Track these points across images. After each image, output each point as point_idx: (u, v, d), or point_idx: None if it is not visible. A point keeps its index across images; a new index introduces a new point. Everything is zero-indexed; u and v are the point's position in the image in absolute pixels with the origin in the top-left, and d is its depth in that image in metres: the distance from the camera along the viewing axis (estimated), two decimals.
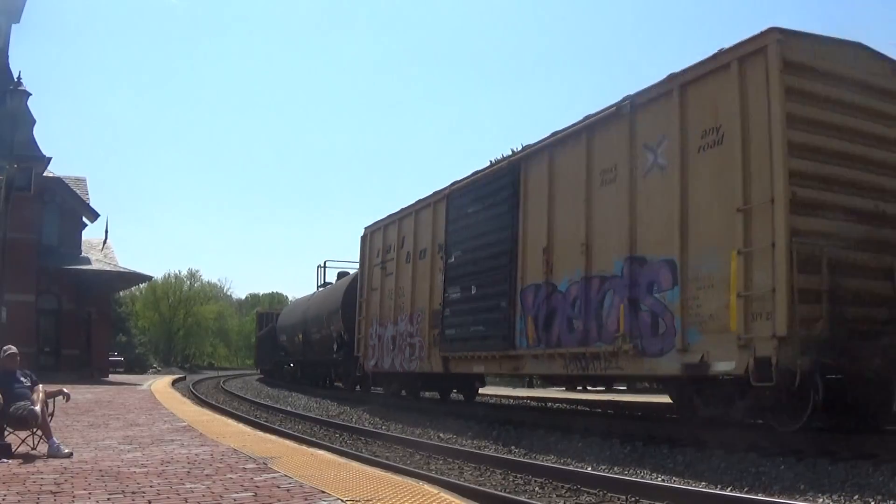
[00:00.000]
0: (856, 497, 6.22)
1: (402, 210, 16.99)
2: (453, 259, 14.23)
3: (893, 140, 8.25)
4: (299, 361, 29.45)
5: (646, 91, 9.89)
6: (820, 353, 7.75)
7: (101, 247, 31.06)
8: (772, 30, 8.24)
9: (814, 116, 8.30)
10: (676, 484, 7.03)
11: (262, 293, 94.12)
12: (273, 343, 33.36)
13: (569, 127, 11.31)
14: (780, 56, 8.08)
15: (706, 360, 8.52)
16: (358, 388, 21.16)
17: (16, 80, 21.67)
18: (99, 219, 30.17)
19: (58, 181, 28.06)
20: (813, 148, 8.23)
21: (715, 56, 8.88)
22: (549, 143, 11.82)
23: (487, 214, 13.30)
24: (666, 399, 12.18)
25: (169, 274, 77.37)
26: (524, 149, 12.71)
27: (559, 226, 11.40)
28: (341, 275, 26.24)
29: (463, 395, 18.03)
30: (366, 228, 19.21)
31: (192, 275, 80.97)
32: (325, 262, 30.77)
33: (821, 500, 6.28)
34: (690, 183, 9.05)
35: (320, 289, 28.41)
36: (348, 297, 21.01)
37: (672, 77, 9.46)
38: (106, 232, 31.93)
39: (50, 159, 26.67)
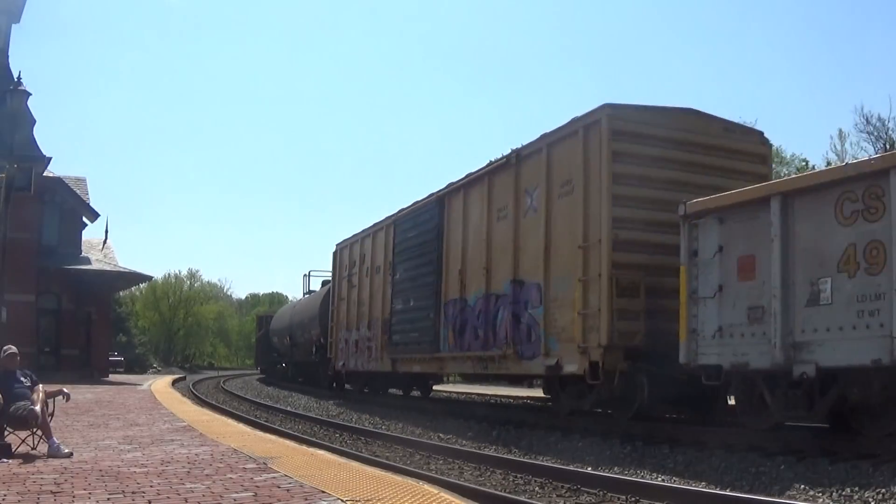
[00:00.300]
0: (856, 497, 6.22)
1: (364, 230, 19.35)
2: (398, 276, 16.71)
3: (717, 186, 9.80)
4: (289, 362, 31.75)
5: (527, 146, 12.15)
6: (639, 359, 9.94)
7: (101, 247, 31.02)
8: (605, 105, 10.48)
9: (636, 173, 10.38)
10: (676, 484, 7.04)
11: (262, 293, 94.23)
12: (268, 344, 35.53)
13: (478, 171, 13.59)
14: (610, 127, 10.31)
15: (560, 363, 10.89)
16: (335, 385, 22.93)
17: (16, 80, 21.70)
18: (99, 219, 30.13)
19: (58, 181, 28.02)
20: (635, 198, 10.32)
21: (569, 123, 11.10)
22: (464, 182, 14.09)
23: (421, 239, 15.71)
24: None
25: (169, 274, 77.32)
26: (448, 186, 14.67)
27: (470, 252, 13.69)
28: (325, 283, 27.95)
29: (420, 391, 19.83)
30: (337, 245, 21.70)
31: (192, 275, 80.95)
32: (309, 272, 33.61)
33: (821, 500, 6.29)
34: (552, 223, 11.33)
35: (305, 296, 31.08)
36: (324, 305, 23.49)
37: (543, 137, 11.64)
38: (106, 232, 31.89)
39: (50, 159, 26.66)
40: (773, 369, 8.03)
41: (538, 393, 20.53)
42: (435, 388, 22.05)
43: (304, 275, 32.91)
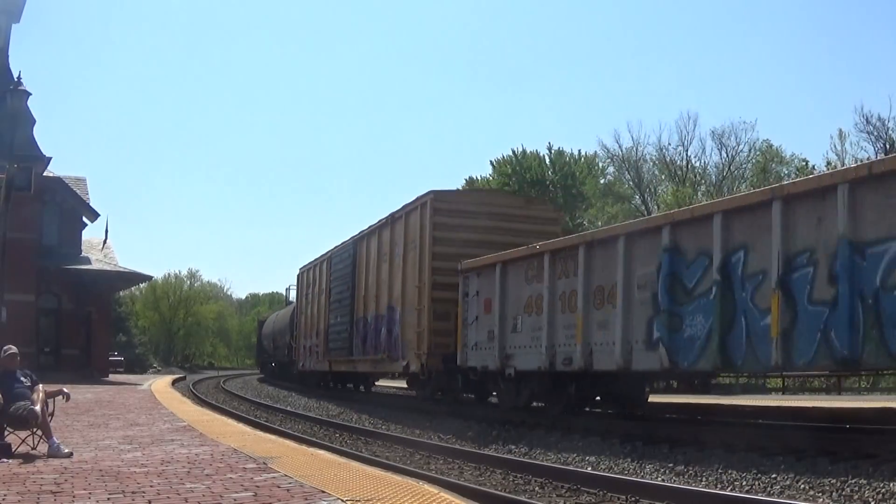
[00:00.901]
0: (856, 497, 6.21)
1: (315, 260, 24.88)
2: (332, 297, 21.98)
3: (515, 243, 13.29)
4: (275, 362, 36.93)
5: (397, 212, 16.94)
6: (451, 362, 14.22)
7: (101, 247, 31.01)
8: (430, 192, 15.61)
9: (450, 237, 15.17)
10: (676, 484, 7.04)
11: (262, 293, 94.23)
12: (262, 346, 41.63)
13: (375, 224, 18.37)
14: (432, 206, 15.36)
15: (409, 364, 15.78)
16: (301, 379, 27.49)
17: (16, 80, 21.67)
18: (99, 219, 30.15)
19: (58, 181, 28.02)
20: (448, 254, 14.76)
21: (415, 200, 15.99)
22: (368, 232, 19.02)
23: (345, 272, 20.79)
24: (664, 399, 13.40)
25: (169, 274, 77.32)
26: (359, 232, 19.67)
27: (369, 283, 18.68)
28: None
29: (363, 387, 23.80)
30: (300, 269, 27.19)
31: (192, 275, 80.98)
32: (289, 287, 40.21)
33: (821, 500, 6.28)
34: (406, 268, 16.24)
35: (287, 306, 37.38)
36: (293, 316, 28.85)
37: (404, 206, 16.55)
38: (106, 232, 31.89)
39: (50, 159, 26.66)
40: (496, 370, 12.71)
41: None
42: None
43: (287, 287, 40.62)
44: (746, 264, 8.40)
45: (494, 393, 14.34)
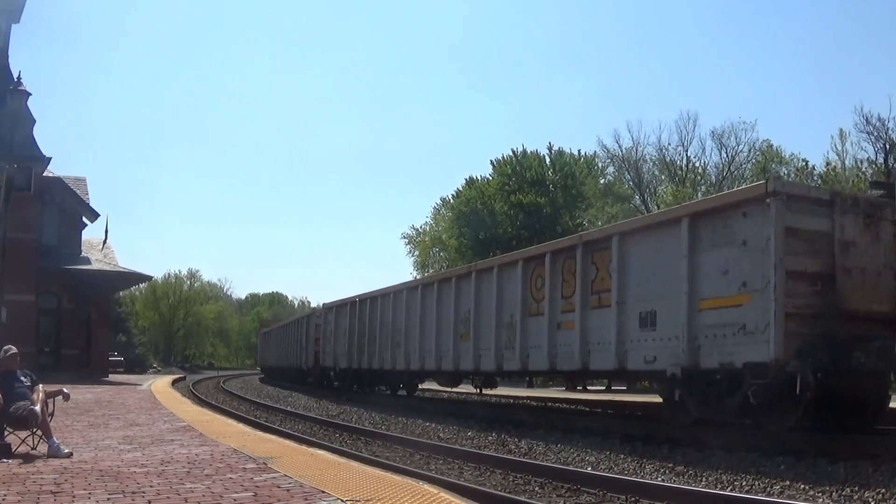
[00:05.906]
0: (856, 497, 6.21)
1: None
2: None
3: None
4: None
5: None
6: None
7: (101, 247, 31.02)
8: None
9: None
10: (676, 484, 7.03)
11: (262, 293, 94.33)
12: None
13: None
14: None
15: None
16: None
17: (16, 80, 21.65)
18: (99, 219, 30.16)
19: (58, 181, 28.02)
20: None
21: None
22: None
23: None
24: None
25: (169, 274, 77.41)
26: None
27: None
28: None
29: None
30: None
31: (192, 275, 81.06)
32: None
33: (821, 500, 6.28)
34: None
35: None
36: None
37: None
38: (106, 232, 31.89)
39: (50, 159, 26.65)
40: None
41: (539, 393, 20.54)
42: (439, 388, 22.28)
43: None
44: None
45: None
